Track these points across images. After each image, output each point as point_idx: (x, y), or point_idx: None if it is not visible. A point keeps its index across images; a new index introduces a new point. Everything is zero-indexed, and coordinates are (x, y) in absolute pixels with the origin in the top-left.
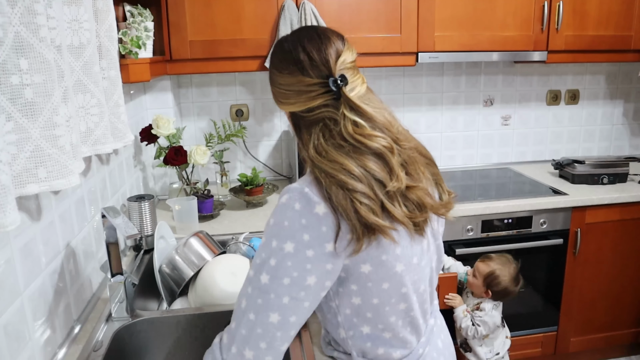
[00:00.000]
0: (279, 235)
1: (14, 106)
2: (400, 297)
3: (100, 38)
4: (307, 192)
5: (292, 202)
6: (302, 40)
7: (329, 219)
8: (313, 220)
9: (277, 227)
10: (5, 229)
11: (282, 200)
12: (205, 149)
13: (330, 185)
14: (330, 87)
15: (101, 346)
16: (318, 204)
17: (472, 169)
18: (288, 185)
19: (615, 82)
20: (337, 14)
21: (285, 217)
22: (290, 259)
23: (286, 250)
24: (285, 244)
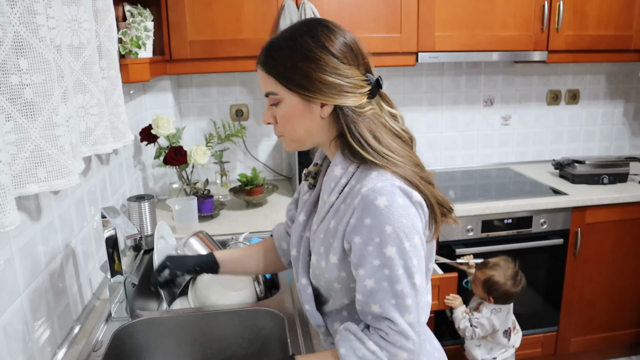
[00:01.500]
0: (407, 235)
1: (14, 106)
2: (429, 273)
3: (100, 38)
4: (399, 185)
5: (394, 199)
6: (347, 34)
7: (423, 204)
8: (417, 208)
9: (400, 230)
10: (5, 229)
11: (381, 204)
12: (205, 149)
13: (411, 175)
14: (372, 85)
15: (101, 346)
16: (413, 192)
17: (472, 169)
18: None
19: (616, 82)
20: (337, 13)
21: (399, 215)
22: (422, 249)
23: (417, 244)
24: (414, 240)
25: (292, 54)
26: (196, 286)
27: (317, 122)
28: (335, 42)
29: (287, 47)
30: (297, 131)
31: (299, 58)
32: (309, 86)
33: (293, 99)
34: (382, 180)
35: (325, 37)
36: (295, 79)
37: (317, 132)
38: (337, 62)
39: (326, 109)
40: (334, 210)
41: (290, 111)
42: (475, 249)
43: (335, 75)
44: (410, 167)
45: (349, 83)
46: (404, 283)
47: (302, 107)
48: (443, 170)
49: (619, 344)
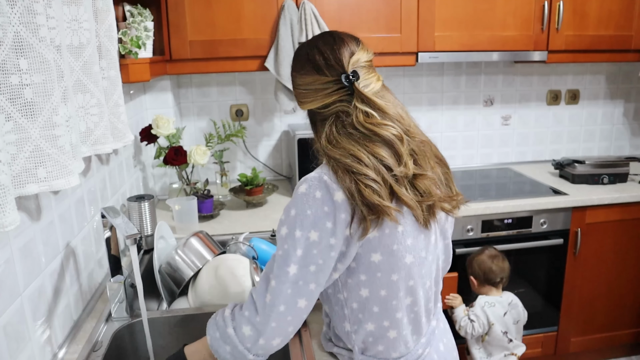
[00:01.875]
0: (303, 225)
1: (14, 106)
2: (408, 290)
3: (100, 38)
4: (326, 180)
5: (312, 190)
6: (318, 43)
7: (346, 204)
8: (333, 208)
9: (300, 217)
10: (5, 229)
11: (300, 190)
12: (205, 149)
13: (338, 170)
14: (343, 83)
15: (101, 346)
16: (337, 190)
17: (472, 169)
18: (305, 176)
19: (616, 82)
20: (337, 13)
21: (308, 206)
22: (316, 247)
23: (311, 239)
24: (310, 233)
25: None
26: (196, 286)
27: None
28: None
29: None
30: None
31: (293, 64)
32: (296, 99)
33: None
34: (317, 171)
35: (297, 52)
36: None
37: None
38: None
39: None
40: None
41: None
42: (475, 249)
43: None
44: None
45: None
46: (278, 265)
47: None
48: None
49: (618, 344)
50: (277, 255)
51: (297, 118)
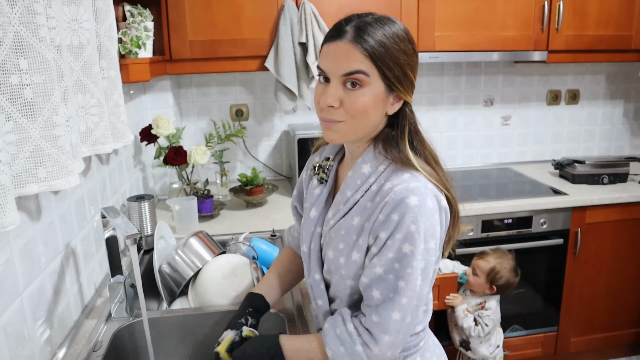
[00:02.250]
0: (425, 238)
1: (14, 106)
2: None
3: (100, 38)
4: (432, 188)
5: (424, 200)
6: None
7: (448, 210)
8: (442, 213)
9: (421, 231)
10: (5, 229)
11: (412, 202)
12: (205, 149)
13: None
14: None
15: (101, 346)
16: (442, 197)
17: (472, 169)
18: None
19: (616, 82)
20: (337, 14)
21: (426, 218)
22: (434, 255)
23: (431, 249)
24: (429, 244)
25: (396, 45)
26: (196, 286)
27: (381, 117)
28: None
29: (391, 37)
30: (366, 121)
31: (402, 51)
32: (403, 80)
33: (380, 87)
34: (416, 181)
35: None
36: (395, 69)
37: (376, 126)
38: (418, 62)
39: (396, 105)
40: (360, 208)
41: (373, 98)
42: (475, 249)
43: (415, 75)
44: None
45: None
46: (407, 282)
47: (383, 97)
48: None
49: (618, 344)
50: (401, 272)
51: (297, 118)
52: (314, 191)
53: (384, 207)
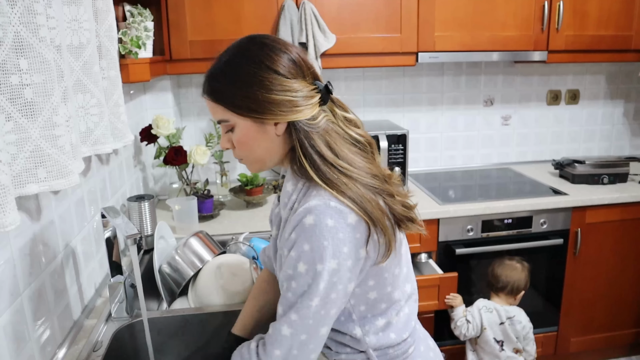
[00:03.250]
0: (322, 258)
1: (14, 106)
2: (405, 278)
3: (100, 38)
4: (334, 206)
5: (322, 220)
6: (290, 48)
7: (361, 225)
8: (348, 231)
9: (317, 251)
10: (5, 229)
11: (308, 222)
12: (205, 149)
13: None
14: (322, 91)
15: (101, 346)
16: (349, 213)
17: (472, 169)
18: (301, 207)
19: (616, 82)
20: (337, 14)
21: (323, 237)
22: (336, 275)
23: (332, 269)
24: (329, 264)
25: (235, 80)
26: (196, 286)
27: (273, 141)
28: (276, 58)
29: (229, 74)
30: (255, 152)
31: (243, 83)
32: (258, 108)
33: (246, 123)
34: (318, 199)
35: (265, 57)
36: (243, 104)
37: (275, 150)
38: (282, 78)
39: (280, 126)
40: (287, 223)
41: (245, 135)
42: (475, 249)
43: (282, 93)
44: (369, 179)
45: (297, 97)
46: (301, 299)
47: (256, 129)
48: (443, 170)
49: (618, 344)
50: (297, 290)
51: None
52: (275, 210)
53: (288, 225)
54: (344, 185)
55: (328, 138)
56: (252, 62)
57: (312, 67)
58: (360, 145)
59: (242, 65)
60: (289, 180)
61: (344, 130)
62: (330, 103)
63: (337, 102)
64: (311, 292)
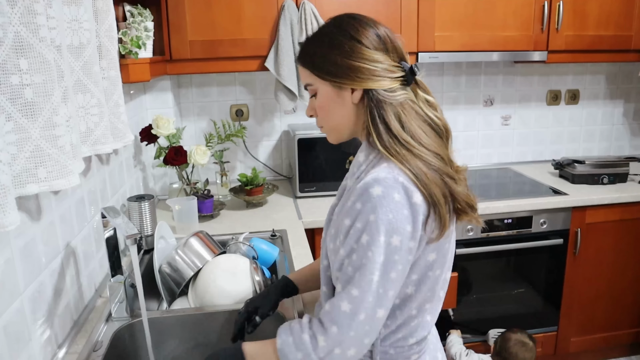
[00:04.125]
0: (386, 231)
1: (14, 106)
2: (443, 283)
3: (100, 38)
4: (403, 182)
5: (390, 192)
6: (379, 26)
7: (424, 206)
8: (414, 210)
9: (381, 223)
10: (5, 229)
11: (375, 192)
12: (205, 149)
13: (422, 172)
14: (407, 71)
15: (101, 346)
16: (415, 192)
17: (472, 169)
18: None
19: (616, 82)
20: (337, 13)
21: (389, 209)
22: (397, 253)
23: (393, 245)
24: (392, 238)
25: (320, 44)
26: (196, 286)
27: (350, 109)
28: (361, 30)
29: (316, 39)
30: (333, 119)
31: (326, 47)
32: (337, 72)
33: (326, 88)
34: (388, 172)
35: (351, 27)
36: (324, 66)
37: (351, 119)
38: (363, 47)
39: (356, 94)
40: (351, 191)
41: (324, 100)
42: (475, 249)
43: (361, 60)
44: (431, 157)
45: (376, 67)
46: (361, 273)
47: (334, 94)
48: None
49: (618, 344)
50: (356, 262)
51: (297, 118)
52: (342, 183)
53: (352, 194)
54: (404, 159)
55: (401, 111)
56: (339, 31)
57: (400, 48)
58: (436, 127)
59: (330, 33)
60: (362, 150)
61: (423, 110)
62: (414, 85)
63: (421, 84)
64: (372, 264)
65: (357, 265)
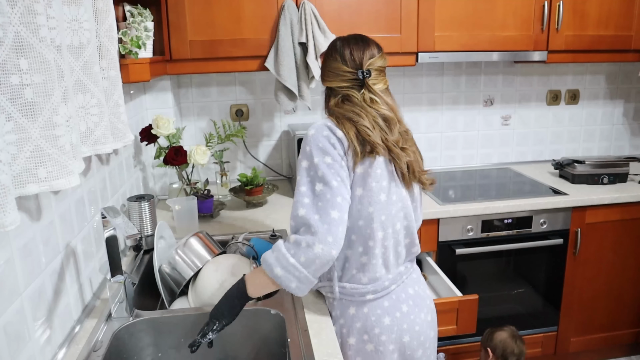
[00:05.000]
0: (318, 154)
1: (14, 106)
2: (380, 223)
3: (100, 38)
4: (329, 125)
5: (320, 130)
6: (350, 41)
7: (345, 139)
8: (336, 141)
9: (314, 149)
10: (5, 229)
11: (310, 133)
12: (205, 149)
13: (340, 118)
14: (358, 76)
15: (101, 346)
16: (337, 130)
17: (472, 169)
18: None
19: (616, 82)
20: (337, 13)
21: (319, 140)
22: (332, 167)
23: (327, 162)
24: (325, 158)
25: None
26: (196, 286)
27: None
28: (335, 47)
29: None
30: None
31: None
32: (322, 76)
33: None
34: (321, 122)
35: (334, 44)
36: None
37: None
38: (331, 59)
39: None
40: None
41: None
42: (475, 249)
43: (327, 67)
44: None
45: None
46: (306, 186)
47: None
48: (443, 170)
49: (618, 343)
50: (303, 181)
51: (297, 118)
52: None
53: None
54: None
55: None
56: (332, 47)
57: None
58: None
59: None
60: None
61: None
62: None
63: (371, 89)
64: (314, 179)
65: (301, 182)
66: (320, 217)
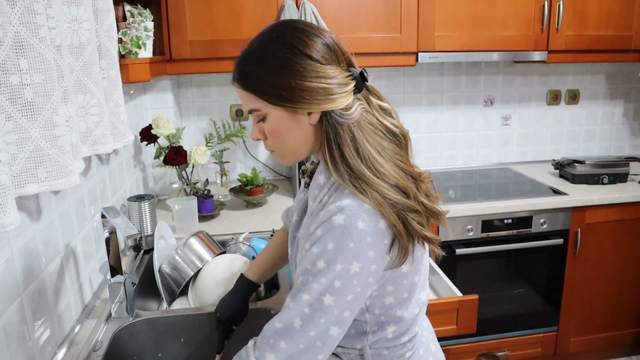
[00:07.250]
0: (345, 259)
1: (14, 106)
2: (422, 286)
3: (100, 38)
4: (367, 208)
5: (353, 221)
6: (324, 33)
7: (389, 231)
8: (378, 236)
9: (340, 251)
10: (5, 229)
11: (337, 221)
12: (205, 149)
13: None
14: (357, 78)
15: (101, 346)
16: (381, 218)
17: (472, 169)
18: (333, 206)
19: (616, 82)
20: (337, 14)
21: (350, 239)
22: (357, 278)
23: (353, 271)
24: (351, 266)
25: (266, 67)
26: (196, 286)
27: (307, 131)
28: (309, 43)
29: (260, 60)
30: (288, 144)
31: (275, 69)
32: (291, 97)
33: (278, 112)
34: (353, 198)
35: (298, 41)
36: (275, 92)
37: (310, 140)
38: (316, 64)
39: (313, 116)
40: (314, 217)
41: (277, 125)
42: (475, 249)
43: (316, 80)
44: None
45: (330, 84)
46: (313, 295)
47: (289, 118)
48: (443, 170)
49: (618, 344)
50: (312, 286)
51: None
52: (299, 195)
53: (315, 220)
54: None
55: (357, 132)
56: (285, 47)
57: (347, 53)
58: (393, 137)
59: (274, 50)
60: (321, 172)
61: (378, 120)
62: (366, 91)
63: (372, 89)
64: (326, 290)
65: (310, 287)
66: (317, 334)
